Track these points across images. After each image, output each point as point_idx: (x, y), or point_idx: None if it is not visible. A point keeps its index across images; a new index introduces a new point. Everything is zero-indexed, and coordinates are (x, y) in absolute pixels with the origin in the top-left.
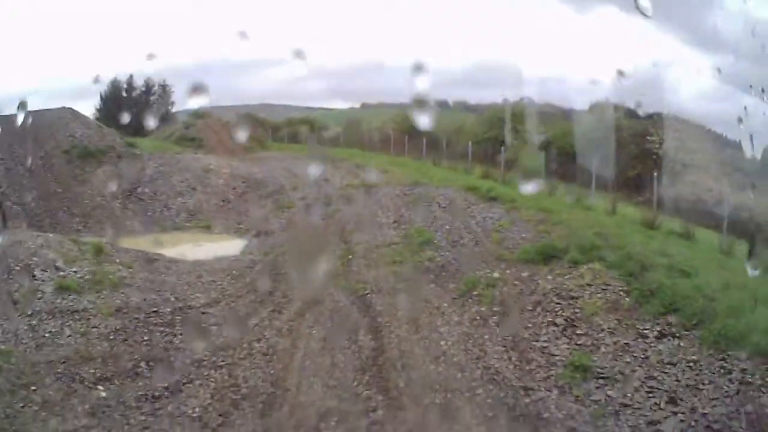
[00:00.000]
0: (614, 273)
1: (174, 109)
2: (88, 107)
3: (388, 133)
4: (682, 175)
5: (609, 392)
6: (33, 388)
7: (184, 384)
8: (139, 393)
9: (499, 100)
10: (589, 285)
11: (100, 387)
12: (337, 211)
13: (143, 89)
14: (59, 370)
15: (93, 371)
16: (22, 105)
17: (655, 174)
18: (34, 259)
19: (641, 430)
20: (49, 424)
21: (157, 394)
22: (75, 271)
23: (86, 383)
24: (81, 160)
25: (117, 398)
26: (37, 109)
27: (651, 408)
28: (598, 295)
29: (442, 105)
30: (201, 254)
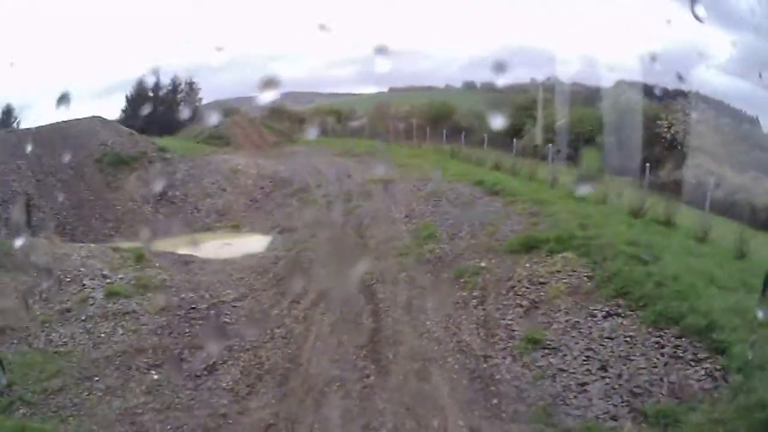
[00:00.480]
0: (583, 261)
1: (201, 105)
2: (110, 107)
3: (412, 122)
4: (687, 158)
5: (551, 360)
6: (96, 378)
7: (219, 364)
8: (185, 374)
9: (527, 81)
10: (558, 272)
11: (153, 372)
12: (357, 207)
13: (170, 87)
14: (117, 362)
15: (146, 360)
16: (63, 98)
17: (649, 159)
18: (82, 269)
19: (571, 390)
20: (113, 404)
21: (198, 373)
22: (121, 278)
23: (141, 370)
24: (113, 167)
25: (167, 379)
26: (67, 119)
27: (583, 373)
28: (564, 280)
29: (469, 86)
30: (230, 253)
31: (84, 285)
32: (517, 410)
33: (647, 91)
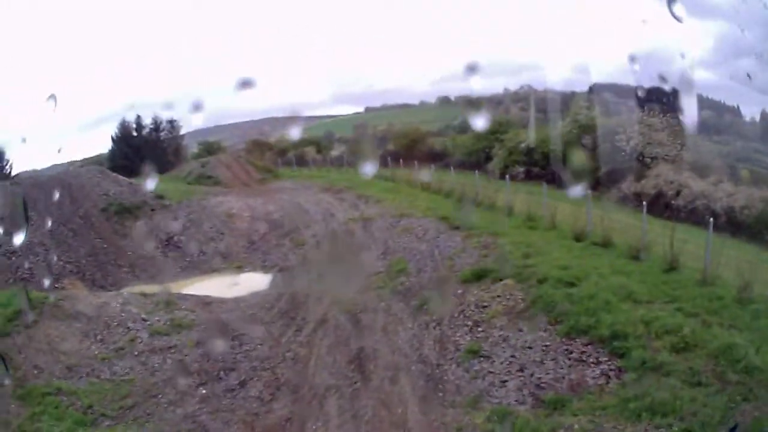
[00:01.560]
0: (519, 286)
1: (183, 137)
2: (93, 140)
3: (388, 149)
4: (649, 168)
5: (483, 365)
6: (159, 396)
7: (248, 380)
8: (224, 389)
9: (501, 90)
10: (499, 296)
11: (201, 388)
12: (341, 246)
13: (152, 127)
14: (172, 384)
15: (194, 381)
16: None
17: (613, 172)
18: (123, 315)
19: (495, 385)
20: (177, 412)
21: (233, 387)
22: (158, 320)
23: (192, 387)
24: (118, 216)
25: (212, 392)
26: (65, 168)
27: (505, 373)
28: (503, 303)
29: (444, 101)
30: (239, 291)
31: (129, 327)
32: (455, 400)
33: (622, 94)
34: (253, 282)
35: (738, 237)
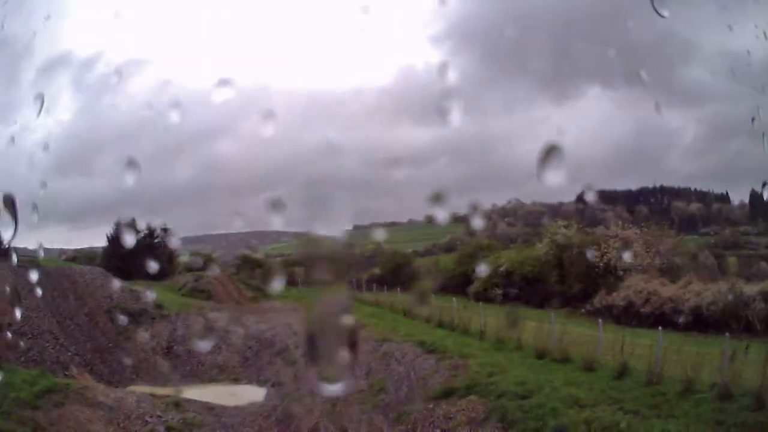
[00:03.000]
0: (482, 401)
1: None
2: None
3: (375, 272)
4: (621, 280)
5: None
6: None
7: None
8: None
9: (488, 206)
10: (464, 410)
11: None
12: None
13: (146, 232)
14: None
15: None
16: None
17: (586, 288)
18: (140, 410)
19: None
20: None
21: None
22: (171, 417)
23: None
24: (121, 319)
25: None
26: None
27: None
28: (466, 414)
29: (431, 219)
30: (239, 401)
31: (147, 421)
32: None
33: (609, 199)
34: (250, 394)
35: (705, 333)
